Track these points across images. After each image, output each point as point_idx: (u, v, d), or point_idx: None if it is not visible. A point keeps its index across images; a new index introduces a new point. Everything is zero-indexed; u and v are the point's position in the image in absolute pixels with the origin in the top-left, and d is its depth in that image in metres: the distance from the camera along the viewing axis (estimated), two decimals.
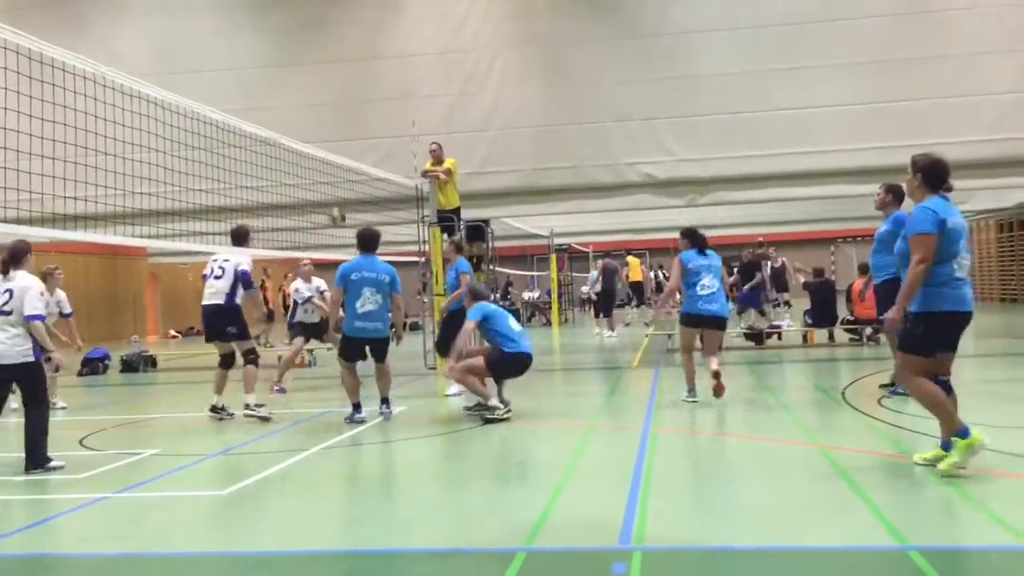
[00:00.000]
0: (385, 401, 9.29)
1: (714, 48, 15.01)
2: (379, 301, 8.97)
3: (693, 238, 9.63)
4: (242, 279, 9.63)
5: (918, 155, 6.16)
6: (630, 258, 23.84)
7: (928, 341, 5.81)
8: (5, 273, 7.18)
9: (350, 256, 18.65)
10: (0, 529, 5.53)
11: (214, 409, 9.82)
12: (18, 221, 7.80)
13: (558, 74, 15.59)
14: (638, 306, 24.34)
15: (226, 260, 9.77)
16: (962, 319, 5.84)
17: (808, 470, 6.25)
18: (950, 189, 6.02)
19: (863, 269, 15.73)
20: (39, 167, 7.99)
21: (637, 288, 23.91)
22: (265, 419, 9.37)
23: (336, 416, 9.79)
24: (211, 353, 13.79)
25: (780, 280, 19.48)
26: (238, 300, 9.68)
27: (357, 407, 9.10)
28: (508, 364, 9.05)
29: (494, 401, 8.96)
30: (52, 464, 7.13)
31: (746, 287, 17.61)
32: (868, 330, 15.19)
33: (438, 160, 13.94)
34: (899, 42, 14.59)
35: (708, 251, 9.48)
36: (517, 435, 8.44)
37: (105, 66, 8.19)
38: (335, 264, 10.07)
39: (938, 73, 14.56)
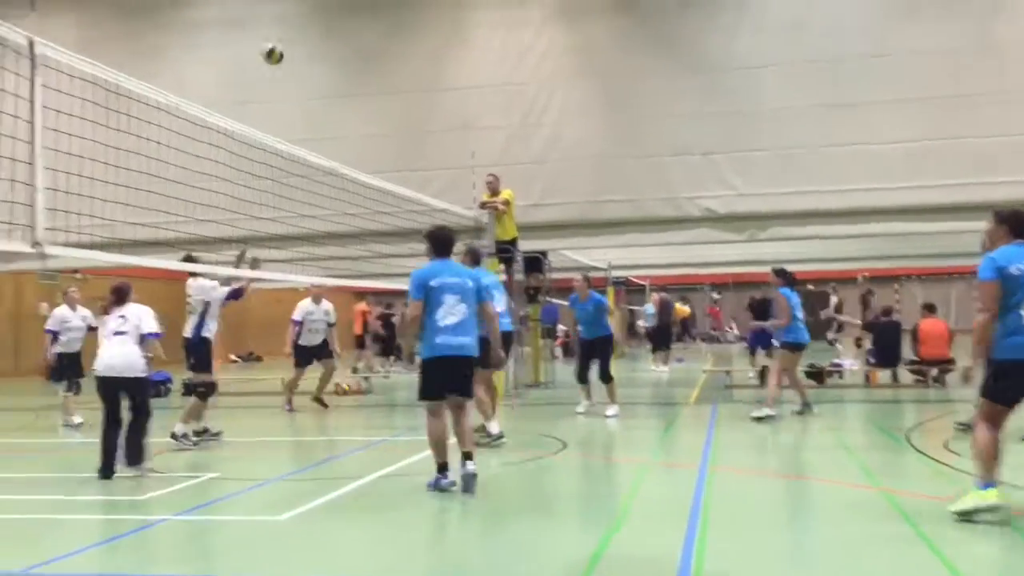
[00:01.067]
0: (468, 457, 7.05)
1: (776, 83, 14.90)
2: (465, 312, 7.09)
3: (787, 276, 11.18)
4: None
5: (1003, 209, 6.10)
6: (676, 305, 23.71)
7: (998, 390, 5.69)
8: (106, 312, 8.44)
9: (399, 285, 18.73)
10: (66, 548, 5.64)
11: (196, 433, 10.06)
12: (92, 246, 8.02)
13: (618, 107, 15.61)
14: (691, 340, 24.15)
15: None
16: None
17: (871, 514, 6.09)
18: None
19: (929, 308, 15.42)
20: (112, 194, 8.22)
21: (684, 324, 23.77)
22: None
23: (391, 445, 9.83)
24: (268, 378, 14.03)
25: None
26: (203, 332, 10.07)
27: (444, 469, 7.04)
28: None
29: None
30: (147, 465, 8.02)
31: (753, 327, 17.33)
32: (934, 371, 14.83)
33: (494, 191, 14.06)
34: (963, 78, 14.32)
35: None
36: (573, 469, 8.39)
37: (177, 97, 8.41)
38: (389, 293, 10.12)
39: (1002, 109, 14.24)
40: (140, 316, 8.21)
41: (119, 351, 8.03)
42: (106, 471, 7.91)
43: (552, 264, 16.78)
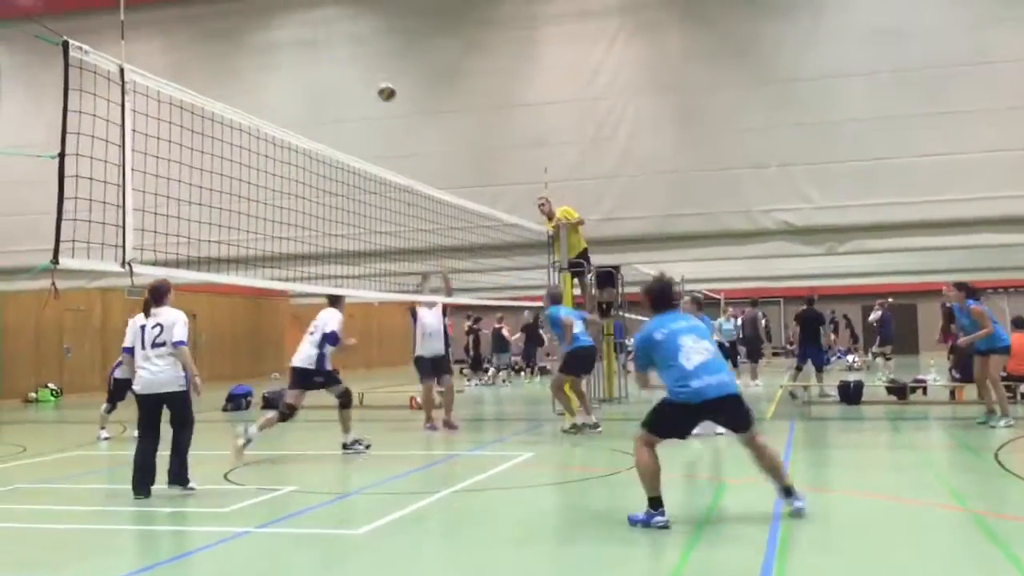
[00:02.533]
0: (789, 492, 6.60)
1: (853, 93, 14.61)
2: (709, 348, 6.60)
3: (968, 287, 11.77)
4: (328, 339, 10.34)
5: None
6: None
7: None
8: (147, 313, 8.01)
9: (476, 300, 18.78)
10: (146, 561, 5.80)
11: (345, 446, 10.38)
12: (177, 264, 8.25)
13: (691, 120, 15.49)
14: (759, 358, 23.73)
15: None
16: None
17: (958, 537, 5.91)
18: None
19: (1017, 323, 14.93)
20: (195, 214, 8.46)
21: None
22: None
23: (466, 460, 9.88)
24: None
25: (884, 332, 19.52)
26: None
27: (658, 504, 6.39)
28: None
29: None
30: (191, 485, 7.86)
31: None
32: (1023, 388, 14.32)
33: (549, 215, 14.12)
34: None
35: None
36: None
37: (257, 118, 8.63)
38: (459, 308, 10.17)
39: None
40: (174, 322, 7.88)
41: (158, 366, 7.79)
42: (140, 488, 7.67)
43: (625, 278, 16.69)
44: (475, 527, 6.67)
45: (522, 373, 26.21)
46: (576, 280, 14.37)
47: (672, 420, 6.60)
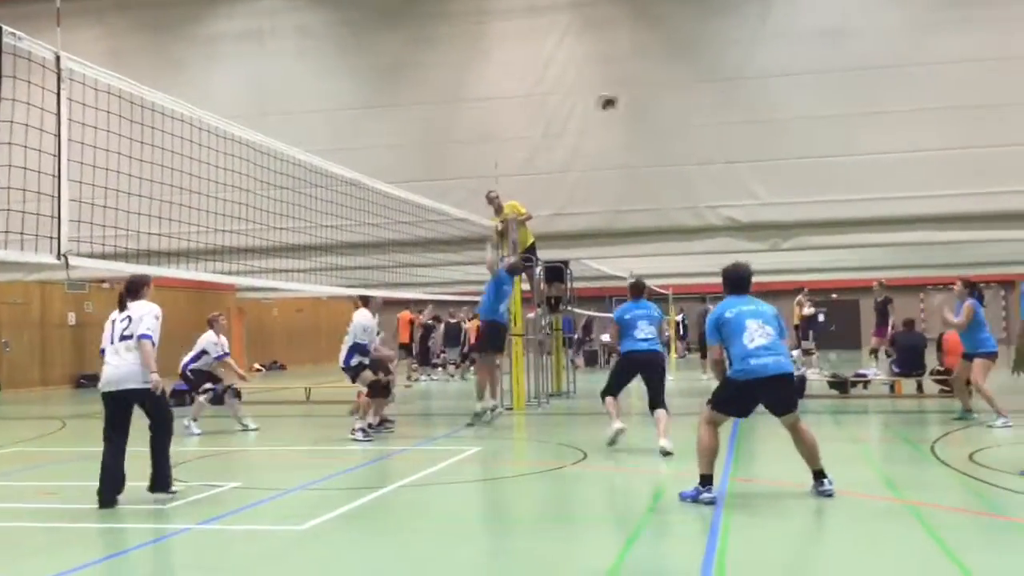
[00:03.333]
0: (820, 475, 6.98)
1: (798, 92, 14.82)
2: (771, 333, 6.95)
3: (973, 286, 11.56)
4: None
5: None
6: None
7: None
8: (122, 307, 7.48)
9: (427, 295, 18.71)
10: (80, 560, 5.67)
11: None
12: (114, 256, 8.08)
13: (640, 116, 15.58)
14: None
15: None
16: None
17: (894, 526, 6.03)
18: None
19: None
20: (135, 205, 8.30)
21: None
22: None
23: (413, 455, 9.85)
24: (291, 387, 14.10)
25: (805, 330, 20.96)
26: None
27: (707, 481, 6.82)
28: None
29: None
30: (174, 489, 7.35)
31: None
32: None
33: (498, 208, 14.12)
34: (988, 88, 14.17)
35: None
36: (593, 480, 8.37)
37: (200, 109, 8.49)
38: (402, 303, 10.16)
39: None
40: (143, 315, 7.33)
41: (124, 360, 7.23)
42: (106, 497, 7.07)
43: (574, 273, 16.76)
44: (418, 522, 6.64)
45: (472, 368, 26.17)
46: (524, 275, 14.39)
47: (735, 398, 6.93)
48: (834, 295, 33.75)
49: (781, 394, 6.89)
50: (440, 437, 11.60)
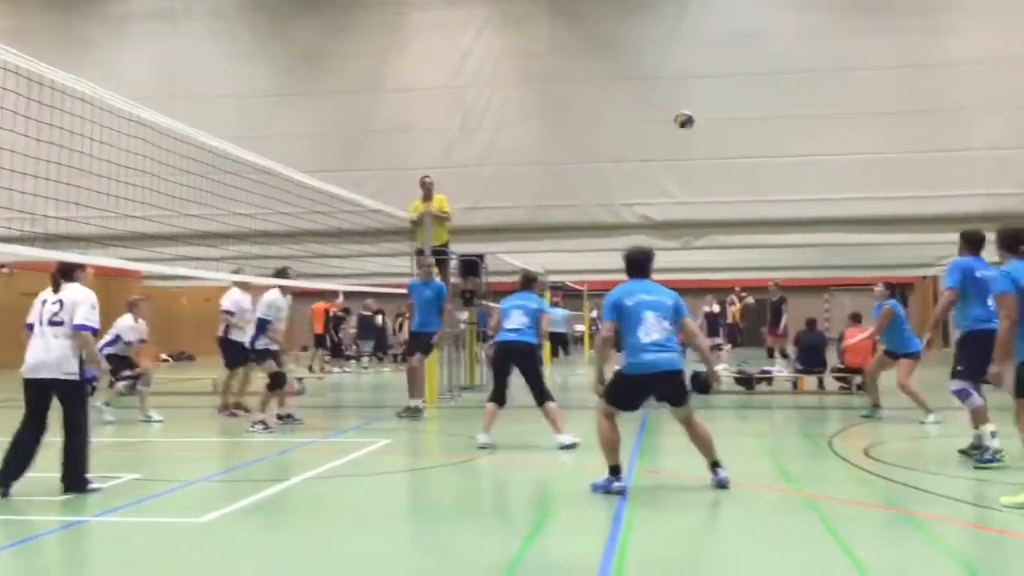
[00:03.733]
0: (716, 466, 7.07)
1: (712, 92, 15.09)
2: (666, 328, 7.03)
3: (893, 288, 11.44)
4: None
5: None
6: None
7: None
8: (56, 288, 7.09)
9: (342, 286, 18.52)
10: None
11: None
12: (10, 240, 7.78)
13: (558, 112, 15.68)
14: None
15: None
16: None
17: (790, 518, 6.21)
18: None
19: (854, 318, 15.79)
20: (36, 187, 8.01)
21: None
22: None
23: (320, 447, 9.74)
24: (199, 378, 13.80)
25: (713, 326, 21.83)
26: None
27: (616, 471, 6.93)
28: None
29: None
30: (92, 486, 7.05)
31: None
32: (858, 379, 15.16)
33: (428, 195, 14.00)
34: (900, 95, 14.67)
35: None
36: (501, 473, 8.40)
37: (103, 89, 8.23)
38: (319, 294, 10.02)
39: (940, 126, 14.61)
40: (77, 302, 6.91)
41: (49, 347, 6.88)
42: (2, 481, 6.79)
43: (489, 268, 16.78)
44: (321, 514, 6.57)
45: (383, 360, 26.04)
46: (438, 269, 14.33)
47: (625, 391, 7.03)
48: (745, 294, 34.49)
49: (671, 389, 7.00)
50: (349, 429, 11.50)
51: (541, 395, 9.31)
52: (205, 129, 10.34)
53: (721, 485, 6.90)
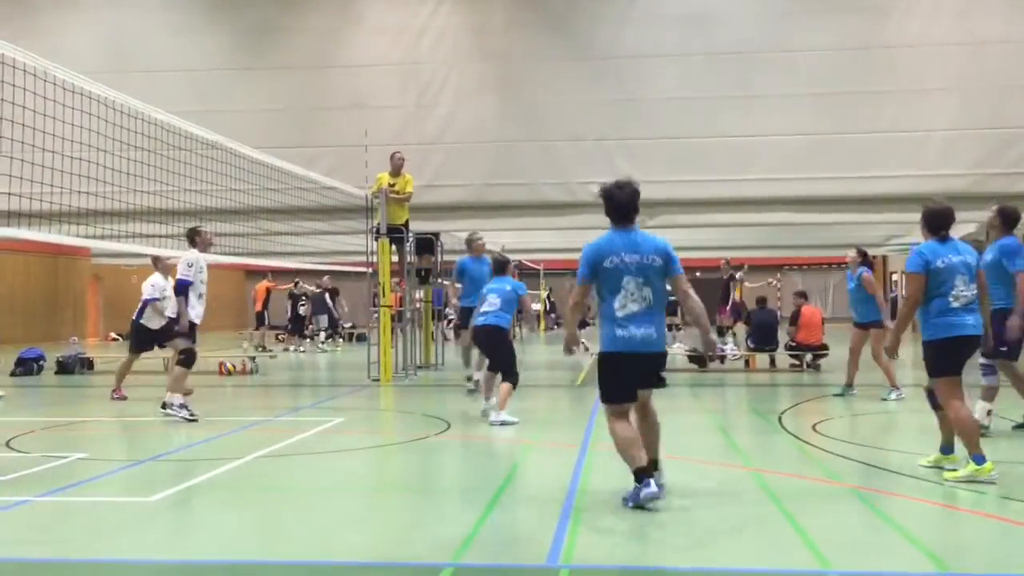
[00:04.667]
0: (646, 477, 5.71)
1: (666, 72, 15.19)
2: (649, 298, 5.84)
3: (866, 256, 11.29)
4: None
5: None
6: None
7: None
8: None
9: (296, 264, 18.32)
10: None
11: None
12: None
13: (513, 90, 15.66)
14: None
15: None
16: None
17: (739, 493, 6.31)
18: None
19: (802, 295, 16.03)
20: None
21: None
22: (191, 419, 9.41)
23: (272, 426, 9.68)
24: (149, 358, 13.62)
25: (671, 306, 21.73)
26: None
27: (645, 474, 5.71)
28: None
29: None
30: None
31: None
32: (809, 356, 15.41)
33: (397, 171, 13.87)
34: (847, 76, 14.90)
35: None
36: (455, 450, 8.42)
37: (48, 61, 8.04)
38: (272, 271, 9.89)
39: (883, 108, 14.89)
40: None
41: None
42: None
43: (445, 246, 16.75)
44: (272, 493, 6.54)
45: (340, 339, 25.91)
46: (394, 247, 14.27)
47: (612, 377, 5.89)
48: (698, 273, 34.87)
49: (648, 377, 5.92)
50: (304, 408, 11.44)
51: (505, 374, 9.57)
52: (155, 104, 10.18)
53: (651, 498, 5.66)
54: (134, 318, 11.56)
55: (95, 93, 9.04)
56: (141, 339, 11.58)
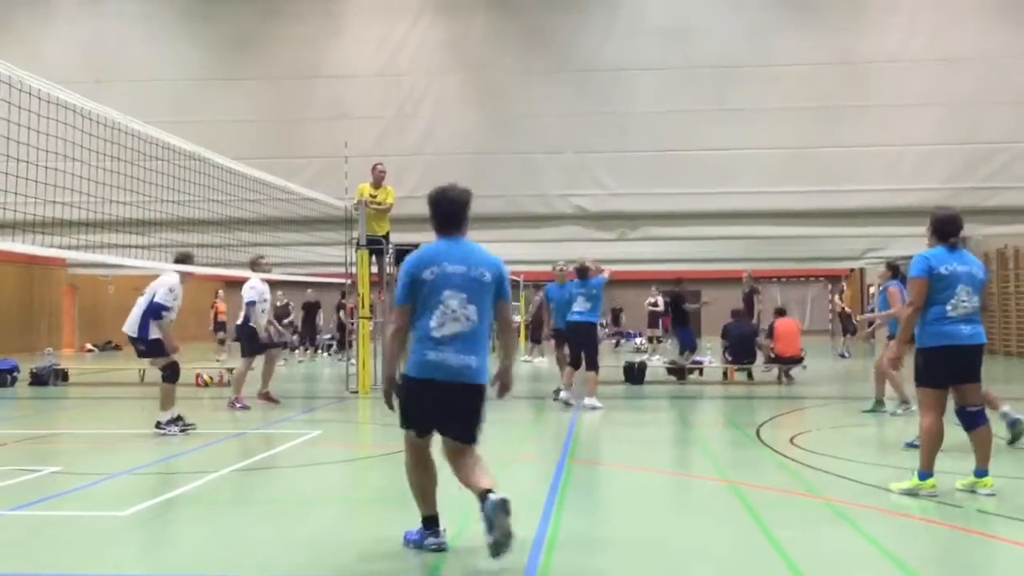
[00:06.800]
0: (488, 494, 4.88)
1: (647, 86, 15.26)
2: (473, 319, 4.97)
3: (897, 270, 10.65)
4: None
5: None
6: None
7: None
8: None
9: (274, 275, 18.25)
10: None
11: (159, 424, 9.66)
12: None
13: (493, 103, 15.68)
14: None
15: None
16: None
17: (716, 505, 6.31)
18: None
19: (780, 311, 16.13)
20: None
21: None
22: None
23: (249, 439, 9.61)
24: (125, 369, 13.50)
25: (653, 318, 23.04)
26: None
27: (432, 523, 5.24)
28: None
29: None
30: None
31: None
32: (786, 368, 15.49)
33: (378, 183, 13.84)
34: (826, 90, 15.03)
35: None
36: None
37: (24, 71, 7.98)
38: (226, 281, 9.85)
39: (861, 122, 15.03)
40: None
41: None
42: None
43: None
44: (247, 507, 6.48)
45: (318, 351, 25.80)
46: (374, 258, 14.23)
47: (412, 403, 5.10)
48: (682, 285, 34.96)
49: (459, 415, 5.10)
50: (280, 421, 11.36)
51: (590, 365, 11.81)
52: (133, 114, 10.11)
53: (435, 548, 5.10)
54: (239, 323, 12.08)
55: (71, 102, 8.97)
56: (252, 342, 11.98)
